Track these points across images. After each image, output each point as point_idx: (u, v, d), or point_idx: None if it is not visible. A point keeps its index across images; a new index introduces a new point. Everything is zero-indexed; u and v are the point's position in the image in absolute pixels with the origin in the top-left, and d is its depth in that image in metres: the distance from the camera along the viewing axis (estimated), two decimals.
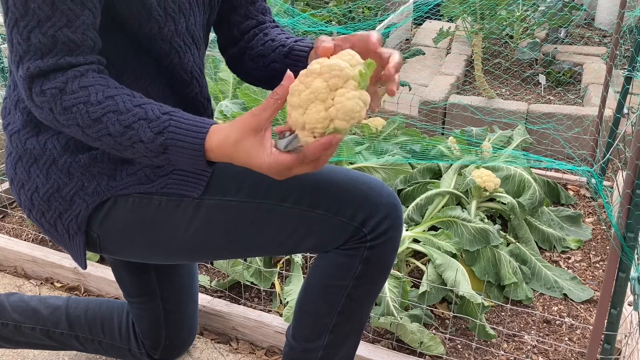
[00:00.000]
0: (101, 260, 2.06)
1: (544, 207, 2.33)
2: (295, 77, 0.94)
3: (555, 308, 1.96)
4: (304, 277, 1.87)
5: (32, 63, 0.99)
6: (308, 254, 1.84)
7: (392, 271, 1.81)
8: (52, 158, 1.15)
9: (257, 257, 1.91)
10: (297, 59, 1.20)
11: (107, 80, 1.02)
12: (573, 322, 1.89)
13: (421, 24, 4.61)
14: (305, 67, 1.14)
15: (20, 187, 1.19)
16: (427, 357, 1.73)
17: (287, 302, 1.77)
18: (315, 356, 1.24)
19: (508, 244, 2.12)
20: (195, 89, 1.22)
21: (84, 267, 1.22)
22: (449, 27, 3.66)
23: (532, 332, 1.85)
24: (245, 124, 0.95)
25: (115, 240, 1.19)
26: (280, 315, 1.81)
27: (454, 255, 1.90)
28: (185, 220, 1.15)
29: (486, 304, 1.74)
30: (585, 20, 4.61)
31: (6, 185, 2.45)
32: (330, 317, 1.20)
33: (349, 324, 1.23)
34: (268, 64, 1.25)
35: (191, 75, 1.19)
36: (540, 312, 1.94)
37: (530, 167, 2.39)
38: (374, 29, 3.40)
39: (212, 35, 1.33)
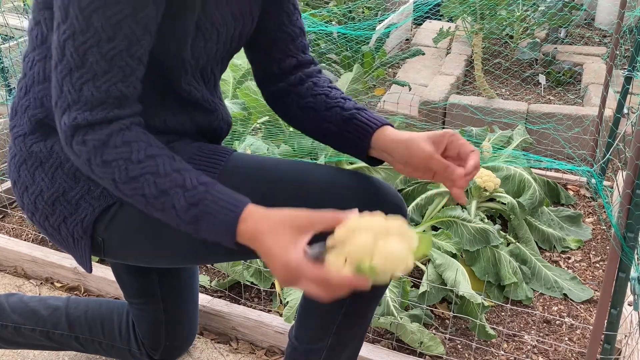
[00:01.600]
0: (101, 261, 2.06)
1: (544, 207, 2.33)
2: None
3: (555, 308, 1.96)
4: None
5: (81, 114, 0.97)
6: None
7: None
8: (58, 162, 1.14)
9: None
10: (361, 132, 1.16)
11: (148, 136, 1.01)
12: (573, 322, 1.89)
13: (421, 24, 4.61)
14: (369, 143, 1.14)
15: (24, 190, 1.18)
16: (427, 357, 1.73)
17: (287, 302, 1.77)
18: (318, 357, 1.24)
19: (508, 244, 2.12)
20: (218, 117, 1.23)
21: (90, 270, 1.21)
22: (449, 27, 3.66)
23: (532, 332, 1.85)
24: (295, 215, 0.94)
25: (121, 244, 1.18)
26: (280, 315, 1.81)
27: (454, 255, 1.90)
28: None
29: (486, 304, 1.74)
30: (585, 20, 4.61)
31: (6, 185, 2.45)
32: (335, 319, 1.20)
33: (353, 325, 1.22)
34: (321, 121, 1.21)
35: (212, 104, 1.21)
36: (540, 312, 1.94)
37: (530, 167, 2.39)
38: (374, 29, 3.40)
39: None
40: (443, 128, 3.14)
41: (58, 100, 0.99)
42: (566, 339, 1.83)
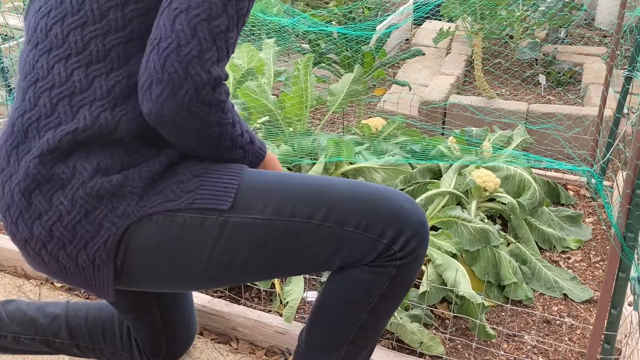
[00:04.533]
0: None
1: (544, 207, 2.33)
2: None
3: (555, 308, 1.96)
4: (304, 277, 1.87)
5: (223, 69, 1.05)
6: None
7: None
8: (81, 181, 1.07)
9: None
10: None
11: None
12: (573, 322, 1.89)
13: (421, 24, 4.61)
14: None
15: (35, 218, 1.09)
16: (427, 357, 1.73)
17: (287, 302, 1.77)
18: None
19: (508, 244, 2.12)
20: None
21: (112, 298, 1.14)
22: (449, 27, 3.66)
23: (532, 332, 1.85)
24: None
25: (139, 267, 1.12)
26: (280, 315, 1.81)
27: (454, 255, 1.90)
28: (211, 241, 1.09)
29: (486, 304, 1.74)
30: (585, 20, 4.61)
31: None
32: (350, 331, 1.18)
33: (367, 336, 1.21)
34: None
35: None
36: (540, 312, 1.93)
37: (531, 167, 2.39)
38: (374, 29, 3.40)
39: None
40: (443, 128, 3.14)
41: (207, 53, 1.01)
42: (566, 339, 1.83)
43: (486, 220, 2.09)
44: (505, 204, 2.20)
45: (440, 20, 4.51)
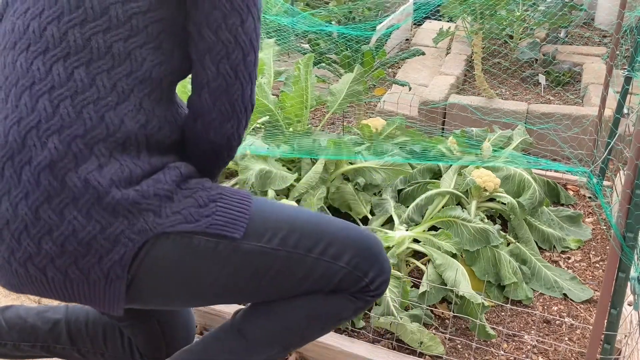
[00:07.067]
0: None
1: (544, 207, 2.33)
2: None
3: (555, 308, 1.96)
4: None
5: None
6: None
7: (392, 271, 1.82)
8: (95, 196, 1.03)
9: None
10: None
11: None
12: (573, 322, 1.89)
13: (421, 24, 4.61)
14: None
15: (45, 233, 1.04)
16: (427, 357, 1.73)
17: None
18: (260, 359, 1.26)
19: (508, 244, 2.13)
20: None
21: (120, 312, 1.12)
22: (449, 27, 3.66)
23: (532, 332, 1.85)
24: None
25: (148, 283, 1.11)
26: None
27: (454, 255, 1.90)
28: (220, 263, 1.12)
29: (486, 304, 1.74)
30: (585, 20, 4.61)
31: None
32: (296, 338, 1.24)
33: (299, 344, 1.28)
34: None
35: None
36: (540, 312, 1.94)
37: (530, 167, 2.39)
38: (374, 29, 3.40)
39: None
40: (443, 128, 3.14)
41: (247, 88, 1.17)
42: (566, 339, 1.83)
43: (486, 220, 2.09)
44: (505, 204, 2.20)
45: (440, 20, 4.51)
